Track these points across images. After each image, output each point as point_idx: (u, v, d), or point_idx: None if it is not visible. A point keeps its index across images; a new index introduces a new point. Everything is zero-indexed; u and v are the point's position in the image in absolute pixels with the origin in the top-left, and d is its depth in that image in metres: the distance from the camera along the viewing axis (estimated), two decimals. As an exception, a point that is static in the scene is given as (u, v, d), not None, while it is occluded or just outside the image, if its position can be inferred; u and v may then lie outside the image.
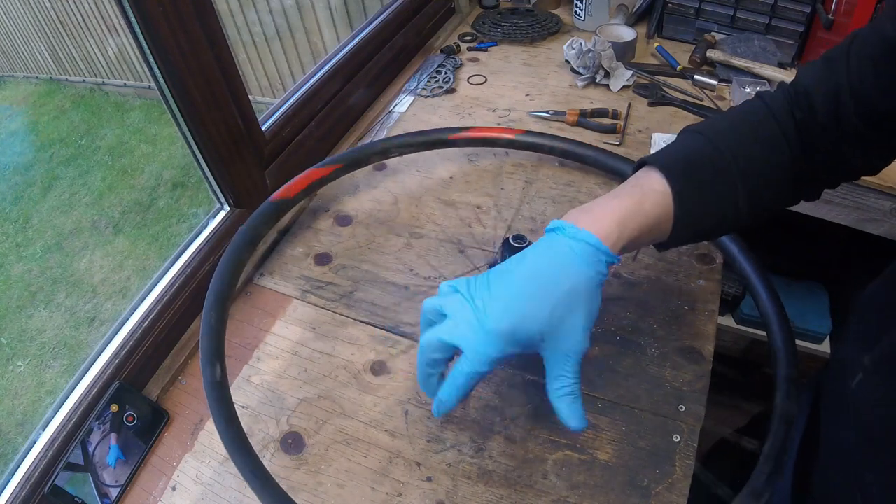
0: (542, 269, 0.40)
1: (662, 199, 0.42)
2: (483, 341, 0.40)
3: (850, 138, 0.42)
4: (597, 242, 0.39)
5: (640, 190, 0.42)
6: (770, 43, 0.96)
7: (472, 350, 0.40)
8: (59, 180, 3.01)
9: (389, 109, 0.97)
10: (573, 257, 0.40)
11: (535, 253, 0.41)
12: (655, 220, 0.42)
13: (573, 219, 0.41)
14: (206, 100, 0.64)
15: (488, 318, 0.39)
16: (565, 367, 0.41)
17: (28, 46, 3.98)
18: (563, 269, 0.40)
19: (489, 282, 0.41)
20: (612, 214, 0.41)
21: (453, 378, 0.41)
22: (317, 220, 0.78)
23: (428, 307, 0.44)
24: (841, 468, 0.46)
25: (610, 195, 0.43)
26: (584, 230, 0.40)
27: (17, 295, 2.39)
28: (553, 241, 0.41)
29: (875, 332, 0.46)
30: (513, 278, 0.41)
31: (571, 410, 0.41)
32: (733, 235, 0.63)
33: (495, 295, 0.40)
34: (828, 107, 0.42)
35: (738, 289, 1.25)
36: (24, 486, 0.51)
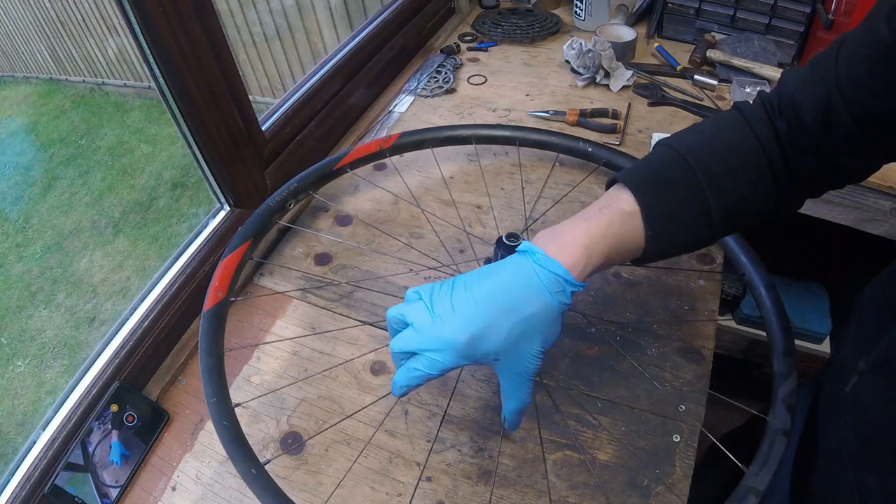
0: (506, 290, 0.41)
1: (631, 219, 0.42)
2: (437, 350, 0.41)
3: (841, 143, 0.41)
4: (563, 272, 0.40)
5: (608, 212, 0.43)
6: (770, 43, 0.96)
7: (426, 355, 0.41)
8: (59, 180, 3.01)
9: (389, 109, 0.97)
10: (538, 284, 0.40)
11: (501, 272, 0.42)
12: (625, 243, 0.43)
13: (543, 243, 0.42)
14: (206, 100, 0.64)
15: (445, 330, 0.40)
16: (518, 386, 0.43)
17: (28, 46, 3.97)
18: (525, 294, 0.40)
19: (453, 291, 0.42)
20: (580, 240, 0.41)
21: (408, 370, 0.42)
22: (317, 220, 0.78)
23: (391, 316, 0.45)
24: (839, 470, 0.46)
25: (580, 216, 0.44)
26: (553, 260, 0.40)
27: (17, 295, 2.38)
28: (521, 264, 0.42)
29: (873, 334, 0.46)
30: (476, 293, 0.41)
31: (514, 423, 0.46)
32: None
33: (456, 306, 0.41)
34: (816, 113, 0.41)
35: (738, 289, 1.25)
36: (24, 486, 0.51)
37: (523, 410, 0.45)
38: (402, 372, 0.43)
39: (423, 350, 0.41)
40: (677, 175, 0.43)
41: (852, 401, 0.46)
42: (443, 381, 0.59)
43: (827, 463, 0.49)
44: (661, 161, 0.45)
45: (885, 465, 0.41)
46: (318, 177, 0.72)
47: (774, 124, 0.43)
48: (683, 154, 0.44)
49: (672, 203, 0.43)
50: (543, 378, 0.58)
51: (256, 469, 0.45)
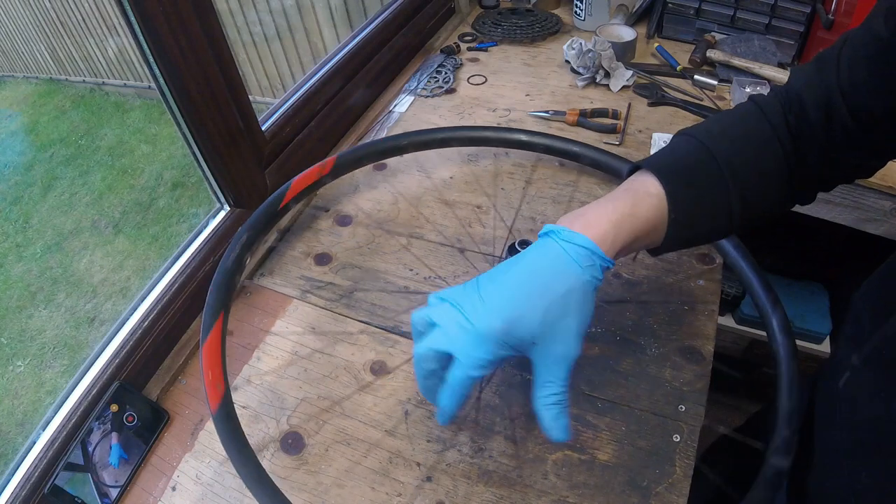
0: (535, 271, 0.40)
1: (657, 202, 0.42)
2: (474, 344, 0.39)
3: (842, 141, 0.42)
4: (592, 245, 0.39)
5: (634, 194, 0.42)
6: (770, 43, 0.96)
7: (464, 354, 0.39)
8: (59, 180, 3.01)
9: (389, 109, 0.97)
10: (567, 260, 0.39)
11: (527, 256, 0.41)
12: (650, 224, 0.42)
13: (567, 223, 0.41)
14: (206, 100, 0.64)
15: (479, 320, 0.39)
16: (555, 373, 0.40)
17: (28, 46, 3.97)
18: (557, 271, 0.39)
19: (479, 286, 0.41)
20: (607, 218, 0.40)
21: (449, 386, 0.41)
22: (317, 220, 0.78)
23: (416, 319, 0.43)
24: (834, 468, 0.46)
25: (604, 199, 0.43)
26: (579, 233, 0.39)
27: (17, 295, 2.38)
28: (546, 244, 0.41)
29: (866, 331, 0.46)
30: (504, 281, 0.40)
31: (556, 421, 0.40)
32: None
33: (486, 298, 0.39)
34: (819, 110, 0.41)
35: (738, 289, 1.25)
36: (24, 486, 0.51)
37: (566, 406, 0.41)
38: (445, 393, 0.41)
39: (457, 347, 0.39)
40: (699, 162, 0.43)
41: (845, 398, 0.46)
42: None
43: (822, 461, 0.49)
44: (683, 148, 0.45)
45: (878, 463, 0.41)
46: (267, 220, 0.65)
47: (787, 117, 0.44)
48: (704, 142, 0.44)
49: (695, 189, 0.43)
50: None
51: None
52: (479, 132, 0.80)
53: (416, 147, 0.78)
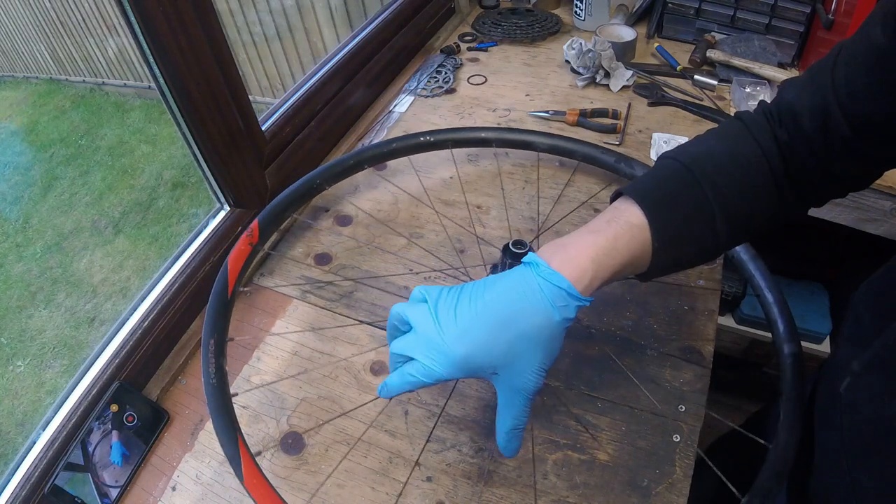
0: (506, 302, 0.40)
1: (639, 232, 0.42)
2: (435, 360, 0.40)
3: (840, 151, 0.41)
4: (568, 286, 0.39)
5: (616, 225, 0.42)
6: (770, 43, 0.96)
7: (423, 364, 0.40)
8: (59, 180, 3.01)
9: (389, 109, 0.97)
10: (541, 299, 0.39)
11: (504, 284, 0.41)
12: (632, 256, 0.42)
13: (549, 255, 0.41)
14: (206, 100, 0.64)
15: (445, 340, 0.39)
16: (515, 403, 0.41)
17: (28, 46, 3.97)
18: (528, 308, 0.39)
19: (458, 301, 0.41)
20: (587, 253, 0.40)
21: (402, 374, 0.42)
22: (317, 220, 0.78)
23: (395, 314, 0.44)
24: (835, 470, 0.46)
25: (587, 229, 0.43)
26: (557, 273, 0.39)
27: (17, 295, 2.38)
28: (525, 277, 0.41)
29: (867, 335, 0.46)
30: (479, 305, 0.40)
31: (508, 444, 0.43)
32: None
33: (458, 317, 0.40)
34: (815, 122, 0.41)
35: (739, 289, 1.25)
36: (24, 486, 0.51)
37: (520, 431, 0.43)
38: (396, 375, 0.42)
39: (420, 356, 0.40)
40: (683, 187, 0.43)
41: (846, 401, 0.46)
42: (443, 381, 0.59)
43: (822, 462, 0.49)
44: (666, 173, 0.45)
45: (879, 466, 0.41)
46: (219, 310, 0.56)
47: (775, 133, 0.43)
48: (688, 165, 0.43)
49: (679, 215, 0.43)
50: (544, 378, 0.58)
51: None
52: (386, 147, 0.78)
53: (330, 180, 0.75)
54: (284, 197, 0.69)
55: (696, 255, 0.45)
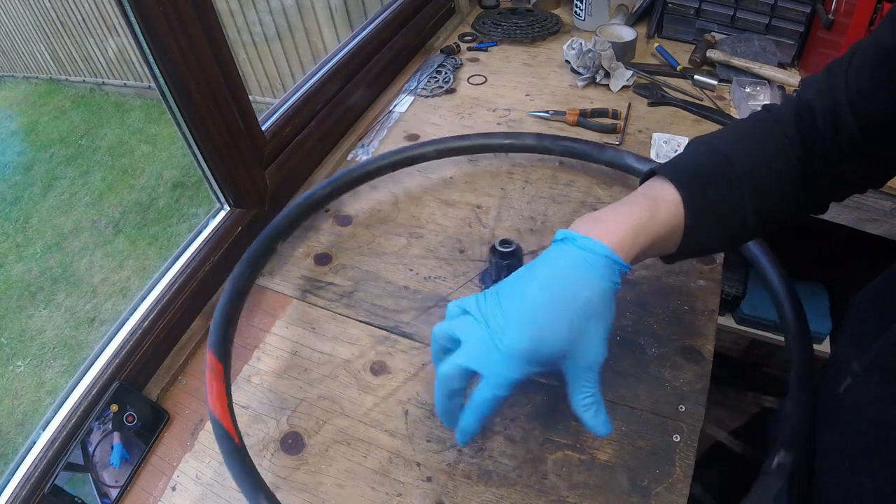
0: (555, 281, 0.39)
1: (675, 209, 0.42)
2: (502, 363, 0.38)
3: (848, 151, 0.41)
4: (609, 252, 0.39)
5: (652, 200, 0.42)
6: (770, 43, 0.96)
7: (492, 374, 0.38)
8: (59, 180, 3.01)
9: (389, 109, 0.97)
10: (587, 268, 0.38)
11: (545, 265, 0.40)
12: (667, 230, 0.42)
13: (583, 229, 0.40)
14: (206, 100, 0.64)
15: (506, 339, 0.38)
16: (588, 380, 0.40)
17: (28, 46, 3.98)
18: (577, 280, 0.38)
19: (499, 298, 0.39)
20: (625, 223, 0.40)
21: (475, 406, 0.39)
22: (317, 220, 0.78)
23: (439, 334, 0.42)
24: (836, 471, 0.46)
25: (621, 203, 0.42)
26: (597, 240, 0.39)
27: (17, 295, 2.39)
28: (563, 251, 0.40)
29: (867, 336, 0.46)
30: (526, 293, 0.39)
31: (596, 419, 0.41)
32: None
33: (509, 312, 0.38)
34: (827, 120, 0.41)
35: (739, 289, 1.25)
36: (24, 486, 0.51)
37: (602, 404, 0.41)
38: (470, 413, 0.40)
39: (485, 366, 0.38)
40: (716, 169, 0.43)
41: (848, 403, 0.46)
42: (443, 381, 0.59)
43: (823, 463, 0.49)
44: (700, 155, 0.45)
45: (880, 467, 0.41)
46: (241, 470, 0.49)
47: (799, 127, 0.44)
48: (721, 149, 0.44)
49: (711, 195, 0.42)
50: (543, 378, 0.58)
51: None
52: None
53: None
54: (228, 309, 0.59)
55: (724, 239, 0.45)
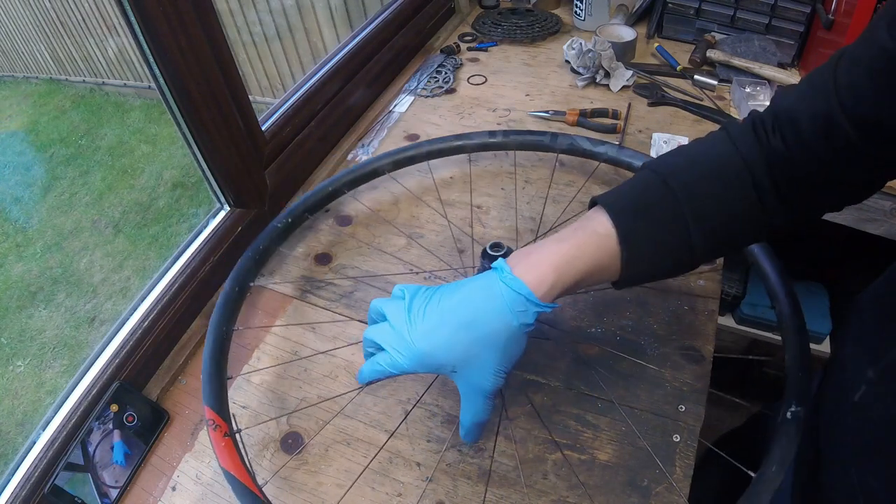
0: (469, 306, 0.42)
1: (606, 241, 0.42)
2: (400, 352, 0.43)
3: (844, 158, 0.40)
4: (527, 292, 0.41)
5: (582, 234, 0.43)
6: (770, 43, 0.96)
7: (391, 355, 0.43)
8: (59, 180, 3.01)
9: (389, 109, 0.97)
10: (501, 303, 0.41)
11: (471, 288, 0.43)
12: (597, 265, 0.42)
13: (515, 262, 0.43)
14: (206, 100, 0.64)
15: (411, 336, 0.42)
16: (474, 401, 0.44)
17: (28, 46, 3.97)
18: (488, 313, 0.41)
19: (429, 301, 0.43)
20: (550, 261, 0.42)
21: (373, 363, 0.45)
22: (317, 220, 0.78)
23: (374, 307, 0.47)
24: (842, 471, 0.46)
25: (555, 237, 0.44)
26: (517, 279, 0.41)
27: (17, 295, 2.38)
28: (490, 281, 0.43)
29: (880, 342, 0.45)
30: (445, 306, 0.43)
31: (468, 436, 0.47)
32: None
33: (426, 316, 0.43)
34: (816, 127, 0.40)
35: (739, 289, 1.25)
36: (24, 486, 0.51)
37: (481, 426, 0.46)
38: (368, 364, 0.46)
39: (390, 348, 0.43)
40: (658, 199, 0.43)
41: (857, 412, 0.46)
42: (443, 381, 0.59)
43: (830, 464, 0.49)
44: (643, 185, 0.45)
45: (888, 467, 0.41)
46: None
47: (765, 144, 0.43)
48: (665, 177, 0.43)
49: (651, 227, 0.43)
50: (543, 378, 0.58)
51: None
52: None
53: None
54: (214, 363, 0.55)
55: (672, 267, 0.46)
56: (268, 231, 0.69)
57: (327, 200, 0.76)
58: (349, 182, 0.76)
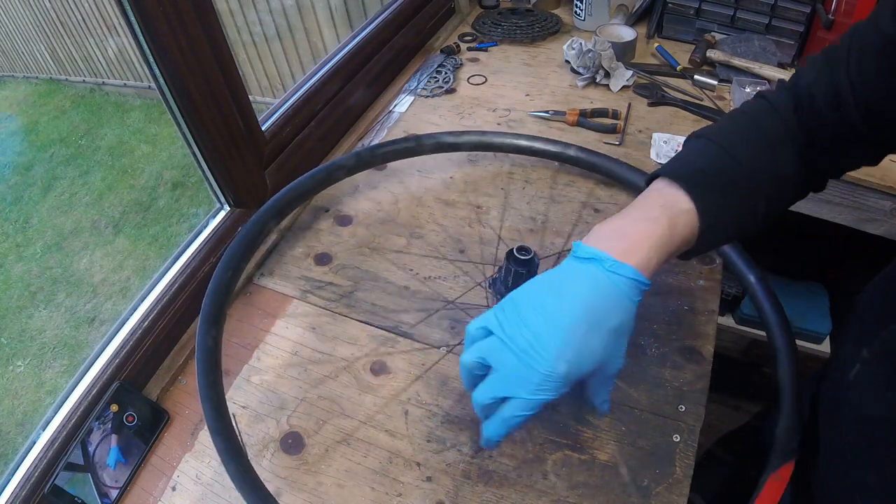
0: (588, 305, 0.39)
1: (690, 219, 0.42)
2: (536, 387, 0.39)
3: (849, 134, 0.42)
4: (636, 275, 0.40)
5: (669, 211, 0.42)
6: (770, 43, 0.96)
7: (524, 398, 0.39)
8: (59, 180, 3.01)
9: (389, 109, 0.97)
10: (618, 293, 0.40)
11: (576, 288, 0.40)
12: (685, 241, 0.43)
13: (608, 244, 0.40)
14: (206, 100, 0.64)
15: (542, 362, 0.38)
16: (607, 383, 0.43)
17: (28, 46, 3.98)
18: (610, 307, 0.40)
19: (522, 315, 0.40)
20: (648, 241, 0.40)
21: (504, 420, 0.41)
22: (317, 220, 0.78)
23: (467, 363, 0.42)
24: (839, 468, 0.46)
25: (639, 214, 0.43)
26: (625, 265, 0.39)
27: (17, 295, 2.38)
28: (591, 273, 0.40)
29: (874, 327, 0.46)
30: (556, 318, 0.39)
31: (604, 407, 0.45)
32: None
33: (539, 333, 0.39)
34: (830, 104, 0.41)
35: (739, 289, 1.25)
36: (25, 486, 0.51)
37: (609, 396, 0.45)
38: (495, 423, 0.41)
39: (518, 391, 0.39)
40: (724, 168, 0.43)
41: (852, 396, 0.46)
42: (443, 381, 0.59)
43: (827, 461, 0.49)
44: (706, 155, 0.45)
45: (885, 464, 0.41)
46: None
47: (797, 112, 0.44)
48: (725, 146, 0.44)
49: (723, 198, 0.43)
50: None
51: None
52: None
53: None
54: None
55: (735, 233, 0.46)
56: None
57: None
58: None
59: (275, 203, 0.68)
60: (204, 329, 0.55)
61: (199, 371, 0.52)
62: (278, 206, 0.68)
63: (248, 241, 0.64)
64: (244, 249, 0.63)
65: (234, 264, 0.61)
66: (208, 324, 0.55)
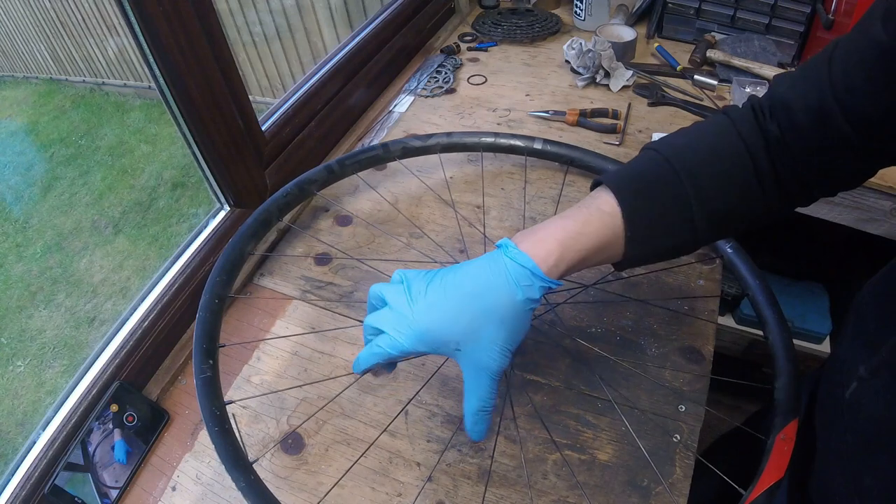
0: (473, 279, 0.41)
1: (610, 220, 0.42)
2: (401, 332, 0.41)
3: (838, 145, 0.41)
4: (532, 266, 0.40)
5: (586, 211, 0.43)
6: (770, 43, 0.96)
7: (389, 336, 0.42)
8: (59, 180, 3.01)
9: (389, 109, 0.97)
10: (506, 278, 0.40)
11: (475, 264, 0.42)
12: (601, 242, 0.42)
13: (520, 238, 0.42)
14: (206, 100, 0.64)
15: (413, 314, 0.41)
16: (480, 383, 0.42)
17: (28, 46, 3.97)
18: (492, 286, 0.40)
19: (430, 281, 0.43)
20: (555, 236, 0.41)
21: (370, 347, 0.44)
22: (317, 220, 0.78)
23: (373, 293, 0.46)
24: (837, 470, 0.46)
25: (560, 215, 0.43)
26: (523, 253, 0.40)
27: (17, 295, 2.38)
28: (495, 258, 0.42)
29: (874, 339, 0.45)
30: (447, 282, 0.42)
31: (474, 427, 0.43)
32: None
33: (427, 293, 0.42)
34: (811, 118, 0.41)
35: (739, 289, 1.25)
36: (25, 486, 0.51)
37: (487, 413, 0.43)
38: (365, 350, 0.44)
39: (389, 329, 0.42)
40: (661, 178, 0.43)
41: (849, 408, 0.46)
42: (443, 381, 0.59)
43: (824, 463, 0.49)
44: (646, 164, 0.45)
45: (883, 466, 0.41)
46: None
47: (764, 128, 0.43)
48: (668, 158, 0.44)
49: (655, 206, 0.43)
50: (543, 378, 0.58)
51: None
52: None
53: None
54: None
55: (672, 247, 0.46)
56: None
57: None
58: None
59: (252, 222, 0.67)
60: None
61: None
62: (255, 226, 0.67)
63: (230, 264, 0.62)
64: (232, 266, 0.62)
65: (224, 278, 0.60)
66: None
